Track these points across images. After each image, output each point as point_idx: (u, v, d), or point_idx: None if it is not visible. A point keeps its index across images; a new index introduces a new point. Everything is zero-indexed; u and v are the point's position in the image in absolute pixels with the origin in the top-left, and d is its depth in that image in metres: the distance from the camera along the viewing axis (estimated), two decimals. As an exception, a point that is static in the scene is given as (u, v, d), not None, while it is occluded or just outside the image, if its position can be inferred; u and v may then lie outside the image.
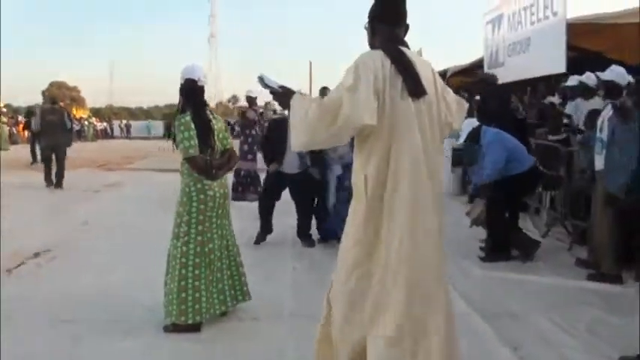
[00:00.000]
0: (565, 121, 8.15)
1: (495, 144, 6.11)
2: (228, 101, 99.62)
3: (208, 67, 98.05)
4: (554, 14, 10.82)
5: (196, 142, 4.06)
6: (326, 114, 2.72)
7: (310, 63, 58.32)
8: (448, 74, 17.23)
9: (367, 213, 2.79)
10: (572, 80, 8.42)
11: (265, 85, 3.17)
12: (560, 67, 10.09)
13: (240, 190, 10.10)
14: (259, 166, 9.66)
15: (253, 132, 10.32)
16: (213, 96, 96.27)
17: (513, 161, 6.04)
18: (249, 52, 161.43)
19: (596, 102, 7.37)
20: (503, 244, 6.16)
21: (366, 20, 3.03)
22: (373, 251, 2.81)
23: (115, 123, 52.20)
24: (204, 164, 4.11)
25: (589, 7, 42.78)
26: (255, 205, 9.37)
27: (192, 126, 4.08)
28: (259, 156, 9.15)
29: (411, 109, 2.78)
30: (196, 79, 4.22)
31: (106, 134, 46.14)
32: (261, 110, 11.86)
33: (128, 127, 50.48)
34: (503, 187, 6.05)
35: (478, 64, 15.30)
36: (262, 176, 11.81)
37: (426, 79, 2.85)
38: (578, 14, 10.64)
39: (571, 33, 10.07)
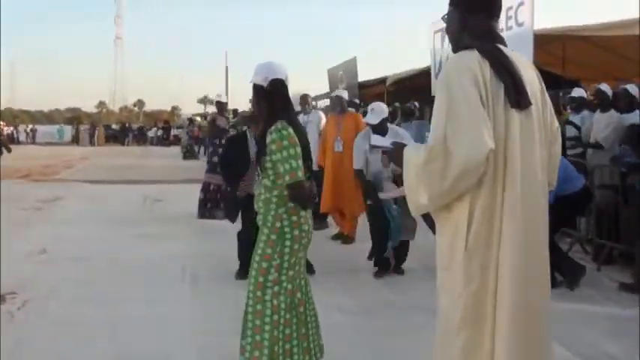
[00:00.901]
0: (574, 133, 7.61)
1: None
2: (134, 105, 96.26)
3: (113, 69, 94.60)
4: (520, 25, 10.41)
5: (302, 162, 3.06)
6: (435, 160, 2.24)
7: (226, 53, 57.23)
8: (388, 82, 16.67)
9: (470, 253, 2.29)
10: (577, 92, 7.88)
11: (374, 147, 3.04)
12: None
13: (209, 207, 8.94)
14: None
15: (223, 142, 9.19)
16: (118, 99, 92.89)
17: (567, 181, 5.37)
18: (156, 53, 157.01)
19: (612, 115, 6.91)
20: (552, 270, 5.46)
21: (449, 9, 2.51)
22: (481, 303, 2.31)
23: (21, 127, 48.43)
24: (309, 191, 3.13)
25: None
26: (224, 224, 8.44)
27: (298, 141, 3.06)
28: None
29: (516, 122, 2.29)
30: (284, 78, 3.20)
31: (12, 140, 42.54)
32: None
33: (34, 132, 46.95)
34: (555, 208, 5.35)
35: (423, 73, 14.89)
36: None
37: (530, 84, 2.36)
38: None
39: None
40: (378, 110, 5.97)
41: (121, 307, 4.77)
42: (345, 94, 7.77)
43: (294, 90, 21.20)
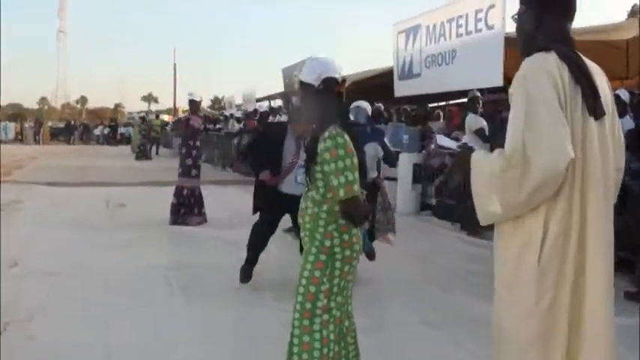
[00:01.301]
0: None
1: None
2: (77, 102, 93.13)
3: (56, 65, 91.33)
4: (490, 27, 10.36)
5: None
6: (513, 169, 2.12)
7: (174, 49, 56.10)
8: (347, 82, 16.39)
9: (544, 268, 2.16)
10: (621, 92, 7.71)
11: (440, 147, 2.34)
12: (497, 81, 9.74)
13: (182, 213, 8.48)
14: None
15: (197, 143, 8.70)
16: (60, 96, 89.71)
17: None
18: (102, 48, 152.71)
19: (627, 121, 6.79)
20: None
21: (520, 9, 2.38)
22: (554, 320, 2.18)
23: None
24: (365, 207, 2.79)
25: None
26: (199, 231, 8.01)
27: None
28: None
29: (593, 129, 2.20)
30: (338, 77, 2.82)
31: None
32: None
33: (-30, 129, 44.73)
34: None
35: (385, 74, 14.72)
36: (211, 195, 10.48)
37: (604, 92, 2.26)
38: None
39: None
40: (364, 109, 5.76)
41: (113, 329, 4.31)
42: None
43: (247, 89, 20.64)
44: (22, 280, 5.41)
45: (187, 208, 8.50)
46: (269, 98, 23.33)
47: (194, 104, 8.80)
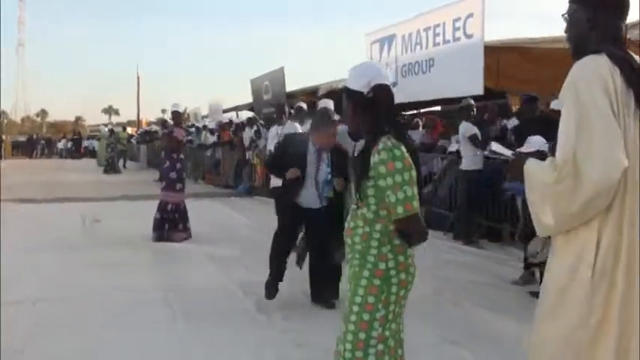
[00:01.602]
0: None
1: None
2: (37, 115, 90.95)
3: (15, 78, 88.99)
4: (468, 36, 10.28)
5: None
6: (564, 181, 2.03)
7: (137, 65, 54.79)
8: (320, 92, 16.12)
9: (595, 284, 2.05)
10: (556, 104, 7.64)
11: (494, 153, 2.87)
12: (478, 90, 9.66)
13: (167, 229, 8.09)
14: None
15: (181, 156, 8.34)
16: (20, 110, 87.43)
17: None
18: (61, 61, 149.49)
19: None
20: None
21: (570, 7, 2.26)
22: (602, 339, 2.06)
23: None
24: (424, 225, 2.50)
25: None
26: (186, 247, 7.64)
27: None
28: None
29: None
30: (390, 85, 2.54)
31: None
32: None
33: None
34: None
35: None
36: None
37: None
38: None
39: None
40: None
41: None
42: (330, 104, 7.06)
43: (214, 99, 20.03)
44: (9, 308, 4.92)
45: (172, 223, 8.13)
46: (236, 109, 22.91)
47: (177, 116, 8.47)
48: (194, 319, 4.80)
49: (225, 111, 22.36)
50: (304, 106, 8.94)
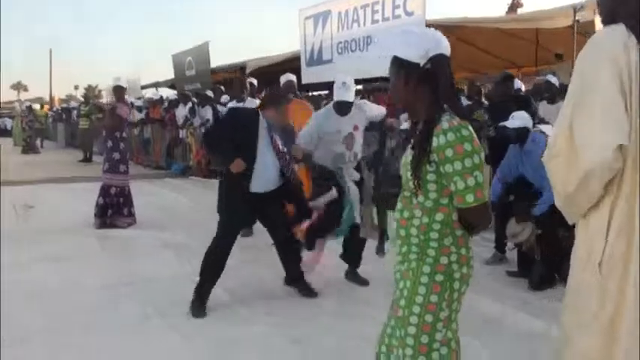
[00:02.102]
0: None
1: None
2: None
3: None
4: (409, 14, 10.13)
5: None
6: (554, 158, 2.05)
7: (50, 51, 51.99)
8: (248, 69, 15.54)
9: (606, 271, 1.98)
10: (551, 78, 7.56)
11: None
12: None
13: (111, 215, 7.49)
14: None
15: (124, 135, 7.70)
16: None
17: None
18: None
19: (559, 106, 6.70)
20: (553, 272, 5.07)
21: None
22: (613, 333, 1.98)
23: None
24: (491, 214, 2.29)
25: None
26: (134, 234, 7.08)
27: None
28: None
29: None
30: (448, 55, 2.19)
31: None
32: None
33: None
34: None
35: (290, 59, 14.16)
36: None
37: None
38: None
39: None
40: (351, 86, 4.91)
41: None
42: (294, 78, 6.65)
43: (132, 75, 18.95)
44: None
45: (116, 208, 7.52)
46: (156, 86, 21.88)
47: (120, 91, 7.73)
48: (169, 314, 4.40)
49: (143, 87, 21.28)
50: (255, 82, 8.49)
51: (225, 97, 13.68)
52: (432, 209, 2.15)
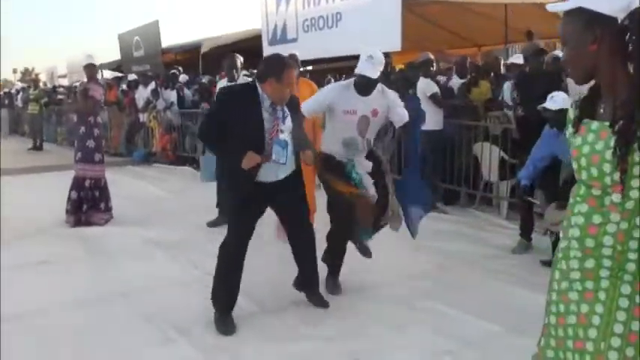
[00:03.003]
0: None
1: None
2: None
3: None
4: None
5: None
6: None
7: None
8: (203, 48, 14.59)
9: None
10: (518, 59, 7.06)
11: None
12: (396, 46, 9.02)
13: (86, 210, 6.60)
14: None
15: (99, 119, 6.77)
16: None
17: None
18: None
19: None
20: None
21: None
22: None
23: None
24: None
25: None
26: (117, 232, 6.26)
27: None
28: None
29: None
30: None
31: None
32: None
33: None
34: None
35: (251, 38, 13.37)
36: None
37: None
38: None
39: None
40: (379, 61, 4.06)
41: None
42: (297, 52, 5.87)
43: (74, 57, 17.55)
44: None
45: (91, 202, 6.64)
46: (100, 67, 20.50)
47: (92, 69, 6.77)
48: (188, 331, 3.72)
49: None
50: (241, 59, 7.66)
51: (183, 77, 12.79)
52: (632, 211, 1.59)
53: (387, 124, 4.74)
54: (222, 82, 6.47)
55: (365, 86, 4.10)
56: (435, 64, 7.49)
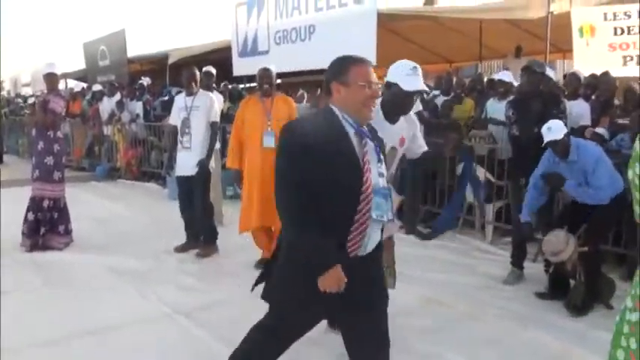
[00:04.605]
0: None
1: (603, 161, 4.25)
2: None
3: None
4: (358, 2, 9.24)
5: None
6: None
7: None
8: (171, 59, 14.05)
9: None
10: (504, 75, 6.78)
11: None
12: (371, 60, 8.67)
13: (44, 233, 6.05)
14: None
15: (59, 134, 6.23)
16: None
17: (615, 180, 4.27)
18: None
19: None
20: (596, 295, 4.34)
21: None
22: None
23: None
24: None
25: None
26: (77, 259, 5.73)
27: None
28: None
29: None
30: None
31: None
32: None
33: None
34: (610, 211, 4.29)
35: (220, 49, 12.94)
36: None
37: None
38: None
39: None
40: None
41: None
42: (274, 67, 5.45)
43: (35, 67, 16.97)
44: None
45: (50, 225, 6.07)
46: (64, 77, 19.80)
47: (53, 79, 6.21)
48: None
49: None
50: (213, 70, 7.24)
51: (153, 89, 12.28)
52: None
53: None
54: (180, 97, 6.01)
55: (401, 107, 3.36)
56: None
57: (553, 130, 4.16)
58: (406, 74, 3.24)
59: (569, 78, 6.42)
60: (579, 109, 5.73)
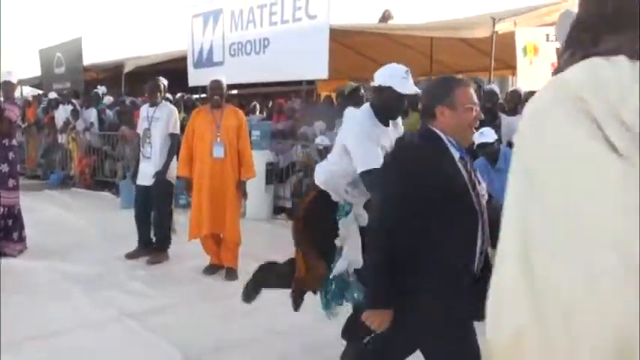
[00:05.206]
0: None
1: None
2: None
3: None
4: (311, 17, 9.54)
5: None
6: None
7: None
8: (127, 68, 14.10)
9: None
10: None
11: None
12: (323, 74, 9.15)
13: (-3, 240, 6.11)
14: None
15: (14, 142, 6.29)
16: None
17: None
18: None
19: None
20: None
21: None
22: None
23: None
24: None
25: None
26: (29, 266, 5.82)
27: None
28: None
29: None
30: None
31: None
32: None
33: None
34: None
35: (176, 59, 13.04)
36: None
37: None
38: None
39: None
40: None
41: None
42: (224, 79, 5.65)
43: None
44: None
45: (4, 232, 6.14)
46: (20, 83, 19.51)
47: (10, 87, 6.28)
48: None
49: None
50: (165, 82, 7.38)
51: (108, 99, 12.32)
52: None
53: None
54: (144, 107, 6.19)
55: (394, 110, 3.33)
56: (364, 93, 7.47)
57: (485, 134, 4.51)
58: (401, 77, 3.23)
59: (510, 94, 6.79)
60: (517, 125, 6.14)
